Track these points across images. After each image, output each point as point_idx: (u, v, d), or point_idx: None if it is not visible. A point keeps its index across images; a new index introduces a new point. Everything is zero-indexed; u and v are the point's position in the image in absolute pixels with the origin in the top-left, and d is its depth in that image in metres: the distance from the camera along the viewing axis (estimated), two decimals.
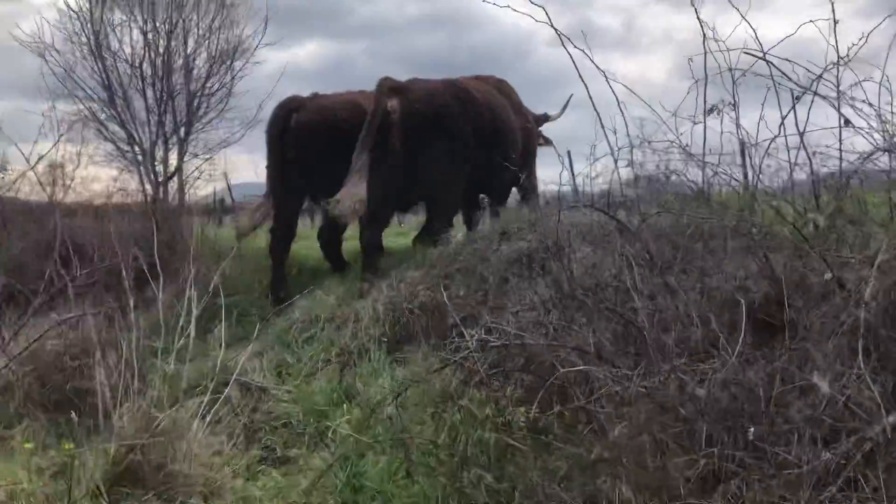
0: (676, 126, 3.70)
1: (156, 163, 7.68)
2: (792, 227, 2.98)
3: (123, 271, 4.52)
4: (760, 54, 3.42)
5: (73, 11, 7.31)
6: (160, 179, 7.72)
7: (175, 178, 7.83)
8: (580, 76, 3.68)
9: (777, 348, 3.02)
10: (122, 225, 7.26)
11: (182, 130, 7.84)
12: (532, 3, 3.64)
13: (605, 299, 3.12)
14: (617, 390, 2.72)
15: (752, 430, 2.44)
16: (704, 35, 3.38)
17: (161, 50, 7.57)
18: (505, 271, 4.96)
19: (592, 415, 2.80)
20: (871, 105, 3.13)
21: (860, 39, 3.02)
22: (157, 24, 7.49)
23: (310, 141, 6.57)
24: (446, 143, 6.32)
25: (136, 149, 7.67)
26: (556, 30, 3.63)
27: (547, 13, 3.67)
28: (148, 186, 7.77)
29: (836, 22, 3.02)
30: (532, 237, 5.23)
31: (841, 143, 3.14)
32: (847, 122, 3.26)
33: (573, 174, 5.21)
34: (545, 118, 8.32)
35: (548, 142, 8.23)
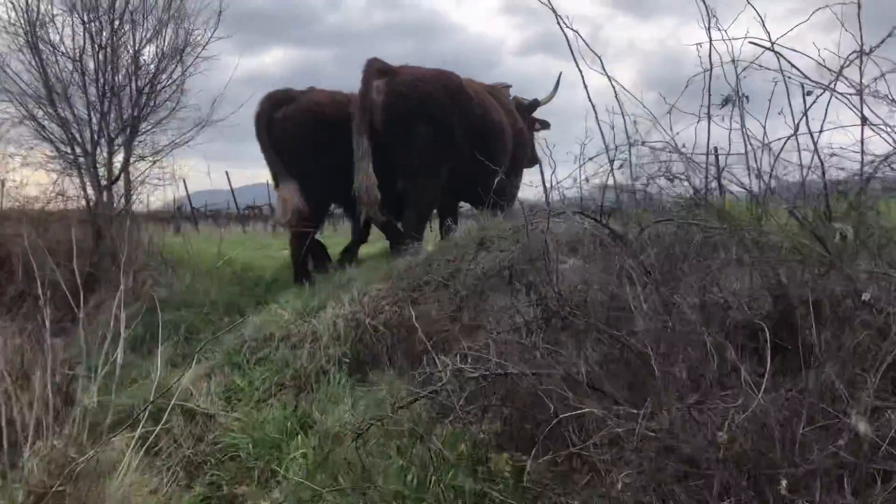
0: (671, 125, 3.29)
1: (98, 166, 7.07)
2: (812, 238, 2.59)
3: (41, 287, 3.91)
4: (768, 44, 3.04)
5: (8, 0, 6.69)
6: (103, 184, 7.10)
7: (120, 183, 7.21)
8: (577, 66, 3.24)
9: (793, 379, 2.65)
10: (59, 233, 6.64)
11: (128, 130, 7.22)
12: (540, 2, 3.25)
13: (597, 320, 2.69)
14: (618, 431, 2.28)
15: (783, 482, 2.03)
16: (709, 23, 2.98)
17: (104, 42, 6.95)
18: (482, 285, 4.51)
19: (589, 461, 2.37)
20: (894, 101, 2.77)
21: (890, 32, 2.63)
22: (101, 14, 6.89)
23: (295, 134, 6.50)
24: (429, 130, 6.09)
25: (77, 150, 7.04)
26: (557, 15, 3.20)
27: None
28: (90, 191, 7.14)
29: (859, 6, 2.65)
30: (514, 248, 4.80)
31: (863, 145, 2.77)
32: (865, 120, 2.89)
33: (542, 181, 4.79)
34: (535, 104, 8.17)
35: (544, 125, 8.24)
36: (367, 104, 5.92)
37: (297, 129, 6.47)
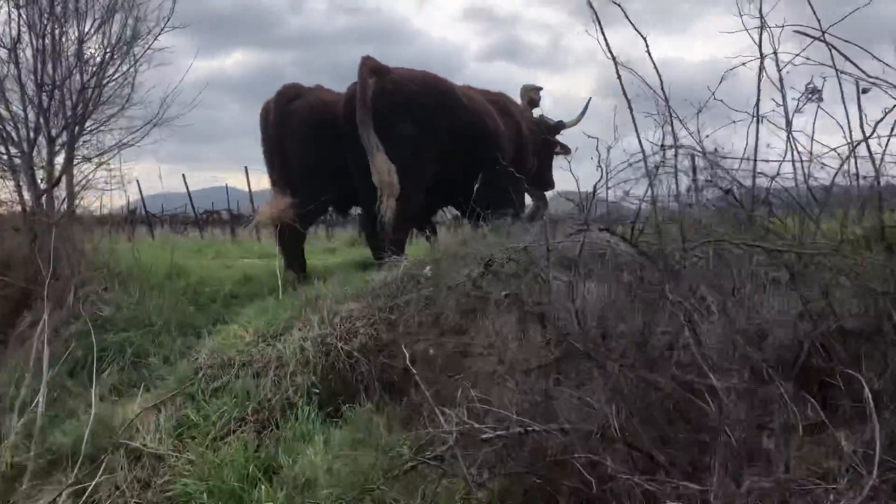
0: (699, 127, 2.84)
1: (37, 167, 6.36)
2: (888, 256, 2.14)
3: None
4: (817, 32, 2.61)
5: None
6: (42, 187, 6.40)
7: (62, 186, 6.51)
8: (612, 57, 2.75)
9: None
10: None
11: (71, 129, 6.52)
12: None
13: (634, 361, 2.20)
14: None
15: None
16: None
17: (44, 31, 6.25)
18: (471, 304, 4.01)
19: None
20: None
21: None
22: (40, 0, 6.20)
23: (302, 129, 6.48)
24: (413, 130, 6.03)
25: (12, 150, 6.33)
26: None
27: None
28: (27, 195, 6.42)
29: None
30: (509, 265, 4.30)
31: None
32: None
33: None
34: (560, 126, 8.10)
35: (565, 150, 8.11)
36: (367, 97, 5.91)
37: (302, 125, 6.46)
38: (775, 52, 2.71)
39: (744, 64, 2.73)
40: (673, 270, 2.30)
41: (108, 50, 6.76)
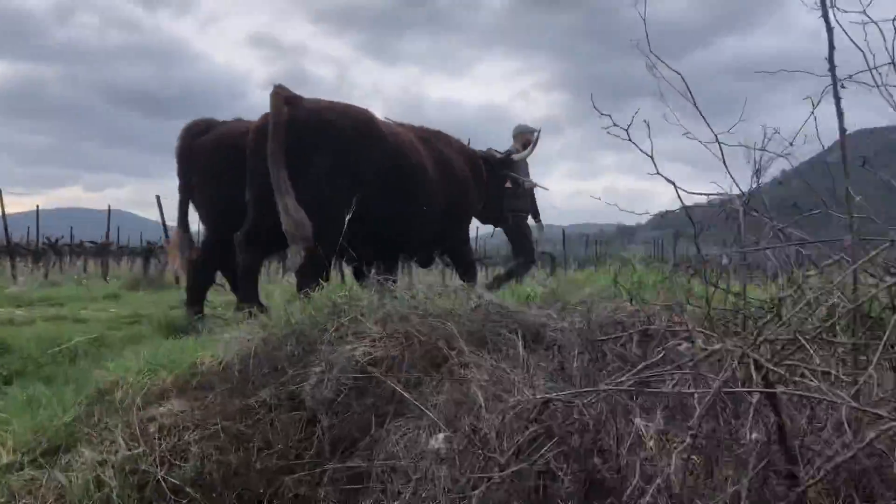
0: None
1: None
2: None
3: None
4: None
5: None
6: None
7: None
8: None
9: None
10: None
11: None
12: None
13: None
14: None
15: None
16: None
17: None
18: (363, 405, 2.84)
19: None
20: None
21: None
22: None
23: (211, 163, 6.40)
24: (328, 165, 5.51)
25: None
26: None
27: None
28: None
29: None
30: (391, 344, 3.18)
31: None
32: None
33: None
34: (508, 159, 8.19)
35: (515, 182, 8.17)
36: (279, 133, 5.38)
37: (212, 159, 6.37)
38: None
39: None
40: None
41: None
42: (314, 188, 5.47)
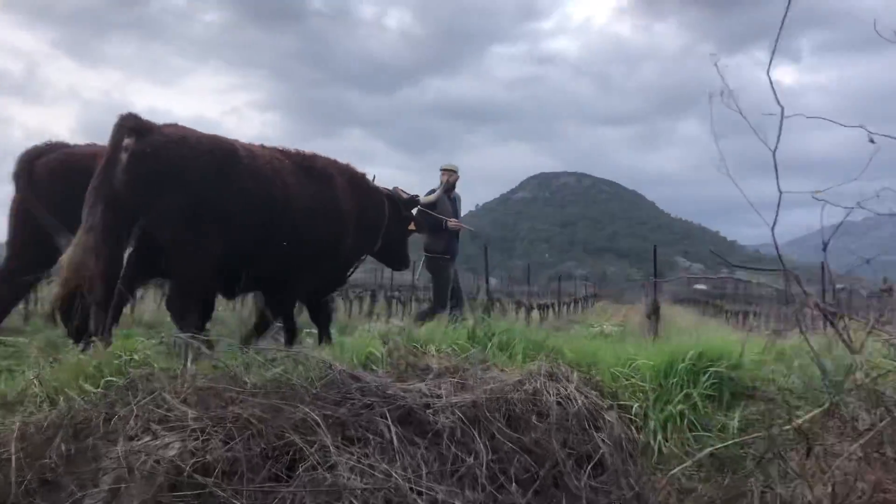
0: None
1: None
2: None
3: None
4: None
5: None
6: None
7: None
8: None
9: None
10: None
11: None
12: None
13: None
14: None
15: None
16: None
17: None
18: None
19: None
20: None
21: None
22: None
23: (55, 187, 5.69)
24: (180, 200, 5.04)
25: None
26: None
27: None
28: None
29: None
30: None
31: None
32: None
33: None
34: (413, 201, 7.69)
35: (419, 227, 7.76)
36: (109, 166, 4.93)
37: (56, 182, 5.73)
38: None
39: None
40: None
41: None
42: (170, 228, 5.09)
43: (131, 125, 5.09)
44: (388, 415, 2.58)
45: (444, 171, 8.72)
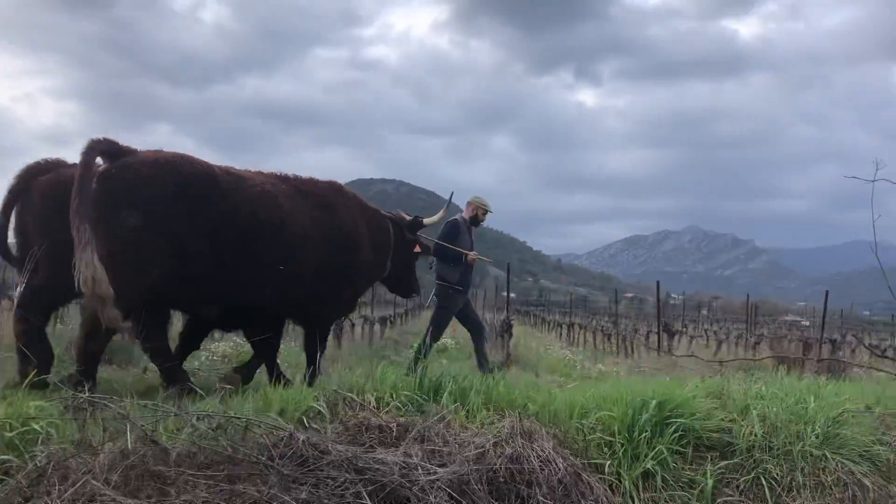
0: None
1: None
2: None
3: None
4: None
5: None
6: None
7: None
8: None
9: None
10: None
11: None
12: None
13: None
14: None
15: None
16: None
17: None
18: None
19: None
20: None
21: None
22: None
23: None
24: (134, 219, 5.13)
25: None
26: None
27: None
28: None
29: None
30: None
31: None
32: None
33: None
34: (417, 223, 7.29)
35: (424, 249, 7.53)
36: (85, 187, 5.00)
37: (43, 205, 5.78)
38: None
39: None
40: None
41: None
42: (121, 246, 5.15)
43: (103, 148, 5.24)
44: (365, 496, 2.21)
45: (478, 207, 8.49)
